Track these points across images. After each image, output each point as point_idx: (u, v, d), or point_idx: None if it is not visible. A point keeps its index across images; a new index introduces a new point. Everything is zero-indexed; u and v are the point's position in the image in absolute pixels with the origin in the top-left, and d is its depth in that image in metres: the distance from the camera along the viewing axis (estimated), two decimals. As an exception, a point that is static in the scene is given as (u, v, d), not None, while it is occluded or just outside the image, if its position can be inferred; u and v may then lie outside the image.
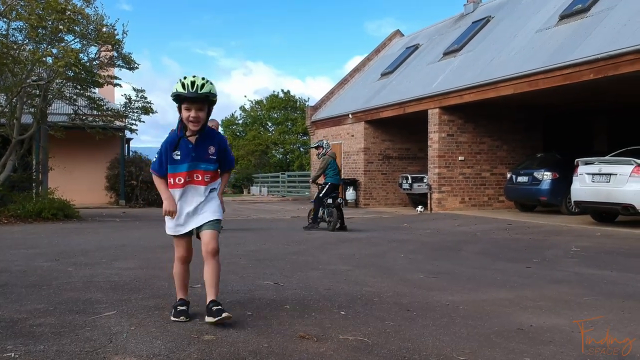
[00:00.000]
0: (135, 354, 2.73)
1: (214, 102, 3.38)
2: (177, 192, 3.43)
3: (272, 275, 5.07)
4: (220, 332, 3.10)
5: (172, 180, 3.42)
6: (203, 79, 3.26)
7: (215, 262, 3.45)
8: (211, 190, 3.51)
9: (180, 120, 3.38)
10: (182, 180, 3.39)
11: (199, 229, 3.46)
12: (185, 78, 3.26)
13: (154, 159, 3.46)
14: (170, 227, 3.53)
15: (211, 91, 3.28)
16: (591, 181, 11.25)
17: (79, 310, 3.65)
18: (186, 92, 3.22)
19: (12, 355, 2.67)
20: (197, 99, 3.25)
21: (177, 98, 3.30)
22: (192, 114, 3.28)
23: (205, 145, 3.43)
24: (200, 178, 3.42)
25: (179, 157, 3.37)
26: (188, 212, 3.44)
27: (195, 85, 3.22)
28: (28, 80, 12.86)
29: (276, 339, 3.03)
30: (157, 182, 3.50)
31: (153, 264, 5.81)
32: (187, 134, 3.38)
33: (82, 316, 3.47)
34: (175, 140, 3.40)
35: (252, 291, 4.37)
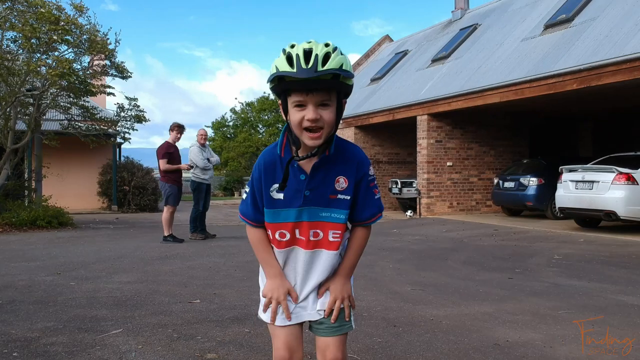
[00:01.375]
0: (145, 373, 2.99)
1: (349, 90, 1.84)
2: (279, 255, 1.97)
3: (266, 289, 5.32)
4: (222, 351, 3.35)
5: (270, 233, 1.96)
6: (327, 45, 1.74)
7: None
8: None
9: (287, 130, 1.88)
10: (288, 237, 1.92)
11: (318, 325, 1.98)
12: (293, 47, 1.75)
13: (244, 194, 2.02)
14: (265, 306, 2.02)
15: (343, 66, 1.73)
16: (575, 188, 11.60)
17: (87, 328, 3.89)
18: (296, 70, 1.70)
19: (33, 376, 2.92)
20: (317, 83, 1.72)
21: (280, 84, 1.77)
22: (309, 114, 1.75)
23: (330, 176, 1.88)
24: (321, 236, 1.92)
25: (281, 196, 1.89)
26: (300, 290, 1.99)
27: (314, 58, 1.70)
28: (22, 89, 13.03)
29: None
30: (251, 237, 2.02)
31: (152, 278, 6.05)
32: (300, 154, 1.85)
33: (91, 334, 3.72)
34: (275, 166, 1.90)
35: (248, 306, 4.62)
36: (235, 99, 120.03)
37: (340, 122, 1.85)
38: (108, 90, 14.46)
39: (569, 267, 7.07)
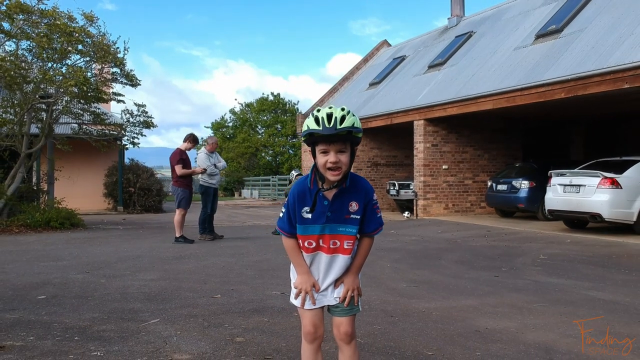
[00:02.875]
0: (189, 352, 3.65)
1: (358, 140, 2.56)
2: (307, 258, 2.68)
3: (277, 286, 5.98)
4: (248, 335, 4.01)
5: (301, 242, 2.66)
6: (343, 109, 2.48)
7: (352, 350, 2.70)
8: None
9: (315, 169, 2.58)
10: (314, 245, 2.64)
11: (335, 308, 2.69)
12: (319, 111, 2.50)
13: (281, 213, 2.71)
14: (296, 294, 2.71)
15: (354, 125, 2.47)
16: (563, 191, 12.27)
17: (128, 318, 4.54)
18: (321, 128, 2.44)
19: (98, 354, 3.58)
20: (336, 137, 2.45)
21: (310, 138, 2.51)
22: (331, 158, 2.47)
23: (346, 201, 2.60)
24: (338, 244, 2.63)
25: (309, 216, 2.59)
26: (322, 282, 2.68)
27: (334, 119, 2.44)
28: (37, 96, 13.66)
29: (291, 340, 3.94)
30: (287, 245, 2.71)
31: (173, 275, 6.69)
32: (325, 186, 2.56)
33: (134, 323, 4.37)
34: (305, 194, 2.61)
35: (263, 300, 5.27)
36: (235, 99, 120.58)
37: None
38: (118, 97, 15.08)
39: (552, 266, 7.73)
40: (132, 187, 20.80)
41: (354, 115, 2.49)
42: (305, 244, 2.63)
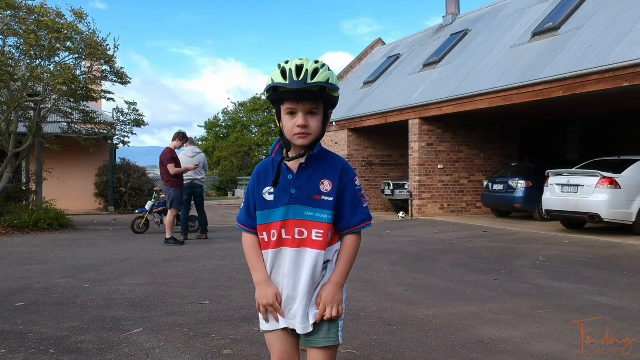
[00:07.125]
0: (171, 367, 3.39)
1: (334, 101, 2.09)
2: (267, 257, 2.12)
3: (269, 291, 5.71)
4: (236, 347, 3.75)
5: (263, 235, 2.11)
6: (317, 62, 2.02)
7: None
8: (325, 265, 2.09)
9: (281, 136, 2.11)
10: (276, 237, 2.07)
11: (306, 337, 2.10)
12: (287, 62, 2.02)
13: (242, 205, 2.21)
14: (262, 317, 2.15)
15: (330, 80, 2.01)
16: (561, 191, 12.07)
17: (110, 327, 4.27)
18: (288, 82, 1.98)
19: (73, 370, 3.31)
20: (306, 94, 1.99)
21: (274, 94, 2.04)
22: (299, 120, 2.01)
23: (315, 177, 2.08)
24: (305, 235, 2.05)
25: (272, 198, 2.08)
26: (289, 295, 2.07)
27: (304, 72, 1.97)
28: (24, 94, 13.34)
29: (282, 353, 3.68)
30: (245, 243, 2.19)
31: (160, 280, 6.43)
32: (290, 155, 2.09)
33: (115, 333, 4.10)
34: (267, 169, 2.14)
35: (254, 307, 4.94)
36: (228, 99, 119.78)
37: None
38: (108, 95, 14.78)
39: (552, 269, 7.51)
40: (123, 187, 20.49)
41: (330, 69, 2.03)
42: (271, 235, 2.08)
